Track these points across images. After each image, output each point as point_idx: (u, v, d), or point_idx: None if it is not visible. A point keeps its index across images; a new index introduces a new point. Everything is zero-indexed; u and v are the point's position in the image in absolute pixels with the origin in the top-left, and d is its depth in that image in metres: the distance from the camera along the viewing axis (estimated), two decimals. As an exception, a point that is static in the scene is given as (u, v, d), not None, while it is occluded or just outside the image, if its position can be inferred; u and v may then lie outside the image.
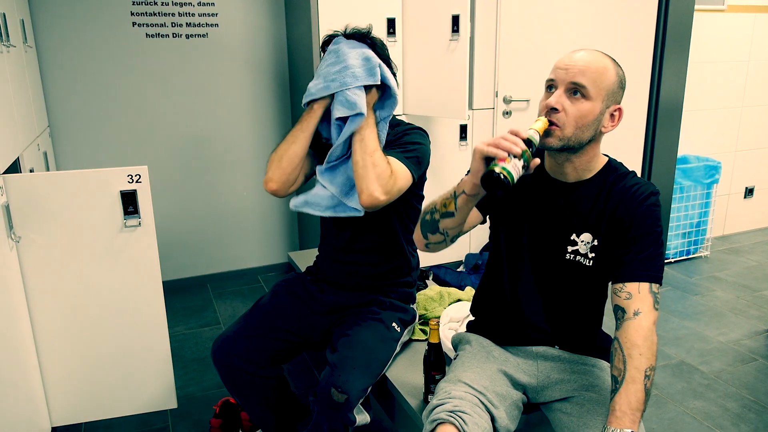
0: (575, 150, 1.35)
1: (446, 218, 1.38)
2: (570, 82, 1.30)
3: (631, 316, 1.26)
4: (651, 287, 1.28)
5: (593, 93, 1.30)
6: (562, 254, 1.42)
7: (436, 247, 1.47)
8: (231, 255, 3.73)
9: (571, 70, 1.30)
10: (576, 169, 1.40)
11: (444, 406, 1.32)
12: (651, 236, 1.32)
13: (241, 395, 1.88)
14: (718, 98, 4.15)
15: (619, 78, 1.34)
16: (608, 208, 1.37)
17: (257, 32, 3.46)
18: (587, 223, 1.39)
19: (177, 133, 3.41)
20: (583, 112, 1.30)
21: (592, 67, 1.30)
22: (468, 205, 1.34)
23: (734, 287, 3.51)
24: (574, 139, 1.32)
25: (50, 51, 3.05)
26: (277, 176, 1.83)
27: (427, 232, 1.45)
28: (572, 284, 1.44)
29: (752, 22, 4.09)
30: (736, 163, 4.35)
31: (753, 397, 2.40)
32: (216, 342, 1.84)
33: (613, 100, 1.34)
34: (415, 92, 2.96)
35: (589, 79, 1.29)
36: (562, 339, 1.50)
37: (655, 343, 1.25)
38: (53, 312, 1.85)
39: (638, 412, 1.21)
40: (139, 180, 1.80)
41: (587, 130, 1.32)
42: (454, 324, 1.95)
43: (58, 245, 1.80)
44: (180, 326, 3.11)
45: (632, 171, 1.42)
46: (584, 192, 1.40)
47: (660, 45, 3.45)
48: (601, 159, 1.42)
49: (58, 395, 1.93)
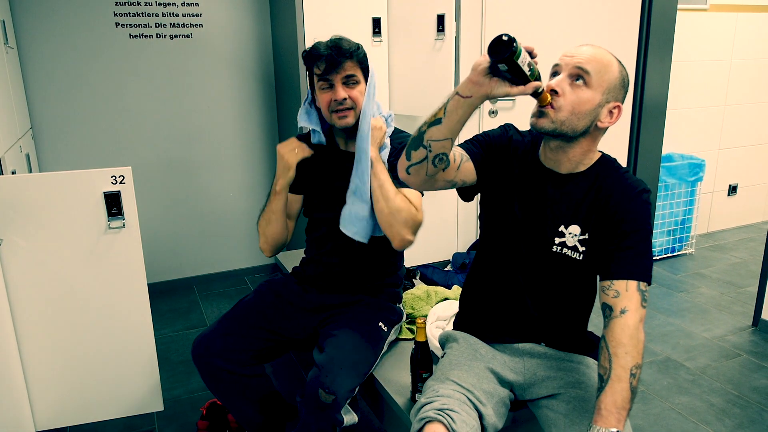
0: (568, 138, 1.35)
1: (433, 126, 1.28)
2: (574, 66, 1.31)
3: (618, 314, 1.27)
4: (639, 285, 1.29)
5: (595, 82, 1.31)
6: (549, 245, 1.42)
7: (417, 169, 1.34)
8: (217, 256, 3.71)
9: (576, 57, 1.32)
10: (570, 160, 1.40)
11: (432, 405, 1.32)
12: (641, 232, 1.33)
13: (223, 394, 1.87)
14: (702, 97, 4.19)
15: (622, 77, 1.35)
16: (599, 201, 1.37)
17: (242, 33, 3.44)
18: (576, 216, 1.39)
19: (162, 135, 3.39)
20: (582, 99, 1.31)
21: (598, 58, 1.32)
22: (458, 111, 1.24)
23: (719, 284, 3.55)
24: (568, 124, 1.32)
25: (32, 52, 3.02)
26: (267, 247, 1.94)
27: (410, 150, 1.33)
28: (560, 277, 1.45)
29: (734, 21, 4.14)
30: (719, 161, 4.40)
31: (737, 392, 2.42)
32: (196, 340, 1.84)
33: (614, 97, 1.34)
34: (402, 92, 2.96)
35: (593, 68, 1.30)
36: (548, 334, 1.51)
37: (641, 341, 1.25)
38: (36, 315, 1.82)
39: (624, 411, 1.21)
40: (123, 181, 1.78)
41: (583, 118, 1.32)
42: (441, 322, 1.95)
43: (41, 248, 1.78)
44: (166, 329, 3.09)
45: (625, 168, 1.43)
46: (576, 184, 1.40)
47: (644, 44, 3.47)
48: (595, 155, 1.43)
49: (43, 399, 1.90)
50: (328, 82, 1.73)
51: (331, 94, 1.73)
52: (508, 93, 1.21)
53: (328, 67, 1.70)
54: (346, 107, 1.73)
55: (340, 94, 1.72)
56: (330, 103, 1.73)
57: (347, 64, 1.71)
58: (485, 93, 1.20)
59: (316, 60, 1.72)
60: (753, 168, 4.57)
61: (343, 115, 1.74)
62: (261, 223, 1.91)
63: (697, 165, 3.92)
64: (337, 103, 1.73)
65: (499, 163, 1.47)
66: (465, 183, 1.46)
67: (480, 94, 1.21)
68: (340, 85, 1.72)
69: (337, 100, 1.72)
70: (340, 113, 1.74)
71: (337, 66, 1.70)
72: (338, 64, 1.70)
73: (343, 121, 1.75)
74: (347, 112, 1.74)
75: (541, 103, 1.30)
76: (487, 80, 1.19)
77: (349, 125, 1.76)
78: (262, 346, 1.85)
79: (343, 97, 1.72)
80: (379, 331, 1.81)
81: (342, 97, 1.72)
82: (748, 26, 4.20)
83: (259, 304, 1.92)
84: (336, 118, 1.75)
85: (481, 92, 1.21)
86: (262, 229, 1.91)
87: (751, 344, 2.81)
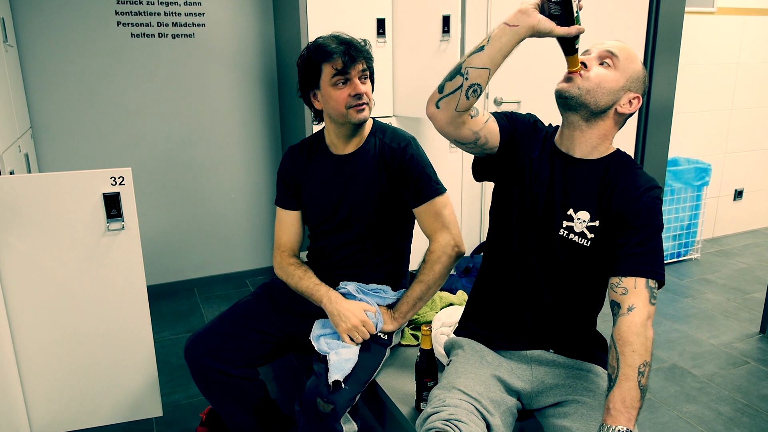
0: (588, 115, 1.38)
1: (474, 54, 1.29)
2: (604, 50, 1.37)
3: (625, 311, 1.27)
4: (648, 282, 1.28)
5: (621, 66, 1.36)
6: (557, 228, 1.41)
7: (449, 101, 1.33)
8: (218, 258, 3.68)
9: (606, 44, 1.38)
10: (586, 142, 1.41)
11: (439, 415, 1.29)
12: (650, 228, 1.32)
13: (213, 397, 1.84)
14: (708, 100, 4.15)
15: (644, 74, 1.40)
16: (609, 191, 1.37)
17: (245, 32, 3.41)
18: (586, 202, 1.39)
19: (163, 135, 3.36)
20: (608, 77, 1.36)
21: (626, 48, 1.39)
22: (502, 39, 1.27)
23: (725, 290, 3.51)
24: (592, 95, 1.35)
25: (32, 51, 2.99)
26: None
27: (446, 81, 1.33)
28: (568, 267, 1.43)
29: (742, 24, 4.10)
30: (725, 166, 4.36)
31: (746, 400, 2.38)
32: (189, 339, 1.82)
33: (636, 87, 1.38)
34: (405, 93, 2.92)
35: (621, 54, 1.37)
36: (557, 339, 1.48)
37: (649, 338, 1.24)
38: (34, 318, 1.79)
39: (633, 410, 1.19)
40: (122, 182, 1.75)
41: (606, 95, 1.36)
42: (446, 329, 1.91)
43: (39, 250, 1.75)
44: (166, 331, 3.06)
45: (639, 165, 1.43)
46: (588, 170, 1.41)
47: (651, 47, 3.44)
48: (610, 146, 1.44)
49: (39, 404, 1.87)
50: (345, 77, 1.70)
51: (348, 89, 1.71)
52: (552, 30, 1.26)
53: (347, 62, 1.68)
54: (363, 101, 1.72)
55: (360, 88, 1.71)
56: (347, 99, 1.71)
57: (361, 58, 1.71)
58: (532, 25, 1.25)
59: (330, 56, 1.68)
60: (759, 173, 4.53)
61: (360, 108, 1.73)
62: (284, 278, 1.90)
63: (703, 169, 3.89)
64: (356, 98, 1.71)
65: (521, 139, 1.49)
66: (486, 143, 1.45)
67: (527, 25, 1.25)
68: (358, 80, 1.71)
69: (357, 95, 1.70)
70: (358, 107, 1.72)
71: (355, 61, 1.69)
72: (355, 59, 1.69)
73: (360, 114, 1.73)
74: (364, 106, 1.73)
75: (571, 68, 1.35)
76: (536, 12, 1.25)
77: (365, 119, 1.76)
78: (256, 348, 1.82)
79: (363, 91, 1.71)
80: (381, 338, 1.77)
81: (362, 92, 1.71)
82: (756, 29, 4.17)
83: (256, 305, 1.89)
84: (354, 112, 1.73)
85: (529, 23, 1.25)
86: (287, 275, 1.89)
87: (759, 351, 2.77)
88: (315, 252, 1.95)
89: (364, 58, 1.71)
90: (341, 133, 1.81)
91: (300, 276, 1.83)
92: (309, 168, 1.87)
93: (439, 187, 1.77)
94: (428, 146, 3.09)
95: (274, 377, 2.54)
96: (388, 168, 1.77)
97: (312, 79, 1.75)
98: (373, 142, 1.81)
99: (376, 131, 1.83)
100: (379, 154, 1.78)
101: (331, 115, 1.77)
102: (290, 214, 1.91)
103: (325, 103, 1.75)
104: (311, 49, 1.73)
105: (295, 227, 1.92)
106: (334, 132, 1.82)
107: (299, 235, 1.94)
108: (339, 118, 1.75)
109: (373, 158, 1.78)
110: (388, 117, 2.97)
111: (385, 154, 1.78)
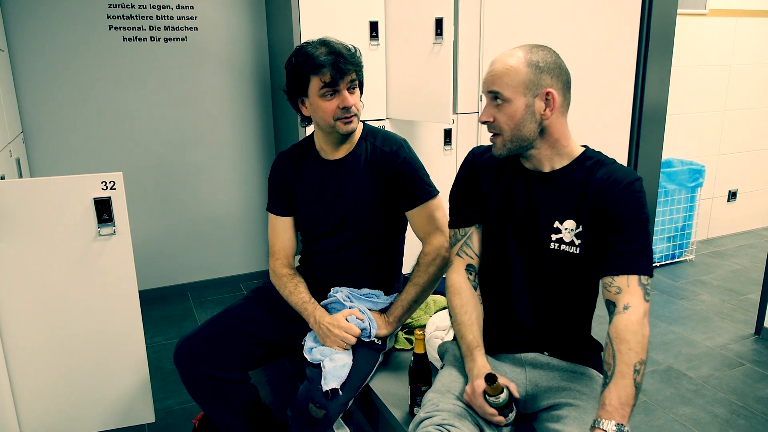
0: (531, 146, 1.39)
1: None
2: (488, 91, 1.38)
3: (621, 310, 1.27)
4: (640, 279, 1.29)
5: (509, 94, 1.35)
6: (546, 243, 1.41)
7: None
8: (212, 263, 3.66)
9: (487, 81, 1.39)
10: (546, 158, 1.41)
11: (432, 420, 1.29)
12: (637, 223, 1.31)
13: (204, 401, 1.82)
14: (701, 102, 4.17)
15: (533, 66, 1.34)
16: (589, 194, 1.36)
17: (238, 36, 3.40)
18: (569, 210, 1.39)
19: (156, 139, 3.35)
20: (510, 114, 1.35)
21: (500, 72, 1.36)
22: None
23: (719, 291, 3.51)
24: (517, 138, 1.37)
25: (24, 55, 2.97)
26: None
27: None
28: (561, 276, 1.42)
29: (734, 26, 4.12)
30: (719, 167, 4.37)
31: (741, 402, 2.38)
32: (179, 342, 1.80)
33: (535, 89, 1.34)
34: (399, 97, 2.92)
35: (500, 84, 1.35)
36: (551, 342, 1.47)
37: (645, 336, 1.25)
38: (24, 323, 1.78)
39: (628, 407, 1.20)
40: (113, 187, 1.74)
41: (524, 126, 1.36)
42: (440, 332, 1.90)
43: (30, 254, 1.73)
44: (159, 336, 3.04)
45: (612, 158, 1.41)
46: (562, 179, 1.40)
47: (643, 49, 3.44)
48: (576, 147, 1.42)
49: (30, 410, 1.85)
50: (333, 89, 1.68)
51: (337, 101, 1.68)
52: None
53: (336, 75, 1.65)
54: (352, 114, 1.70)
55: (349, 100, 1.69)
56: (335, 111, 1.69)
57: (351, 71, 1.69)
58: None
59: (319, 69, 1.66)
60: (753, 174, 4.54)
61: (348, 120, 1.71)
62: (277, 286, 1.89)
63: (697, 171, 3.89)
64: (344, 111, 1.69)
65: (480, 192, 1.51)
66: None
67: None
68: (347, 92, 1.69)
69: (346, 107, 1.69)
70: (346, 119, 1.70)
71: (345, 74, 1.66)
72: (345, 72, 1.66)
73: (348, 126, 1.72)
74: (353, 118, 1.72)
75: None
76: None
77: (353, 131, 1.74)
78: (246, 351, 1.81)
79: (352, 104, 1.69)
80: (373, 343, 1.76)
81: (351, 104, 1.69)
82: (748, 31, 4.18)
83: (248, 309, 1.88)
84: (342, 124, 1.71)
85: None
86: (279, 286, 1.89)
87: (754, 353, 2.77)
88: (307, 257, 1.93)
89: (353, 70, 1.69)
90: (330, 140, 1.80)
91: (291, 290, 1.83)
92: (300, 173, 1.86)
93: (432, 189, 1.76)
94: (422, 148, 3.10)
95: (267, 381, 2.53)
96: (381, 172, 1.76)
97: (300, 88, 1.73)
98: (365, 147, 1.80)
99: (367, 135, 1.82)
100: (371, 159, 1.77)
101: (319, 124, 1.77)
102: (283, 220, 1.90)
103: (313, 112, 1.74)
104: (300, 58, 1.70)
105: (288, 233, 1.91)
106: (323, 139, 1.82)
107: (293, 241, 1.93)
108: (327, 128, 1.74)
109: (365, 163, 1.77)
110: (382, 120, 2.96)
111: (377, 158, 1.77)
